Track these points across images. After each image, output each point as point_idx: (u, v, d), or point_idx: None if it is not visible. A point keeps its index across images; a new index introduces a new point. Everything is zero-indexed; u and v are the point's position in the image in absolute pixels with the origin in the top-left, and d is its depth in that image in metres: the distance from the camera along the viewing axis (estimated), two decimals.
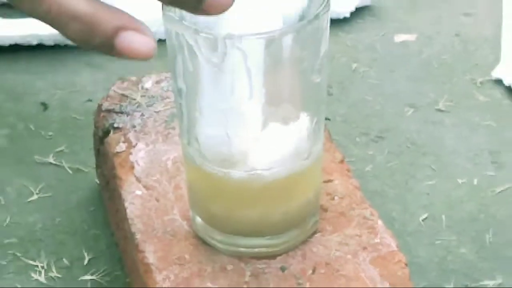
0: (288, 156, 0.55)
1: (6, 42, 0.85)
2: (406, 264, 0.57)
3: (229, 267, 0.57)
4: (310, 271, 0.57)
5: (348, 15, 0.92)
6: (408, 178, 0.75)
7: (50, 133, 0.78)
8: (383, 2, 0.95)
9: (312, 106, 0.55)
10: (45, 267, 0.67)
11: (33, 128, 0.78)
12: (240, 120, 0.54)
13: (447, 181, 0.74)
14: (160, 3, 0.58)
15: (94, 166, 0.72)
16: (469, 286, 0.66)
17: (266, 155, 0.55)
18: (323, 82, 0.55)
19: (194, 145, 0.56)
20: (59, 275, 0.66)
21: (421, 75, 0.85)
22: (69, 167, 0.74)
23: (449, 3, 0.95)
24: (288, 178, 0.56)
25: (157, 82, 0.71)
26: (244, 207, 0.57)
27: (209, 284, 0.56)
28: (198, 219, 0.59)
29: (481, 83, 0.84)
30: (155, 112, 0.68)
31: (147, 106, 0.69)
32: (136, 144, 0.66)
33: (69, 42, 0.84)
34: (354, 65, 0.86)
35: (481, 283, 0.66)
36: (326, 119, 0.59)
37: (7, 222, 0.70)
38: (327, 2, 0.52)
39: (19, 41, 0.86)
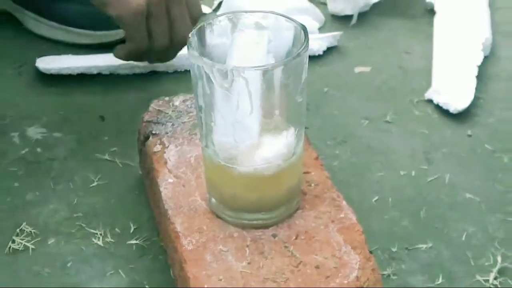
0: (279, 155, 0.56)
1: (75, 72, 0.85)
2: (362, 232, 0.58)
3: (235, 234, 0.57)
4: (294, 237, 0.57)
5: (321, 53, 0.92)
6: (364, 171, 0.75)
7: (106, 138, 0.78)
8: (347, 44, 0.95)
9: (296, 119, 0.56)
10: (102, 234, 0.67)
11: (94, 134, 0.78)
12: (243, 129, 0.54)
13: (392, 173, 0.75)
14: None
15: (138, 161, 0.72)
16: (408, 247, 0.66)
17: (263, 155, 0.55)
18: (304, 101, 0.56)
19: (210, 147, 0.57)
20: (112, 240, 0.66)
21: (374, 96, 0.85)
22: (120, 162, 0.74)
23: (394, 45, 0.95)
24: (279, 171, 0.57)
25: (184, 101, 0.71)
26: (246, 192, 0.58)
27: (220, 247, 0.56)
28: (213, 200, 0.59)
29: (417, 102, 0.84)
30: (182, 122, 0.68)
31: (176, 118, 0.69)
32: (168, 145, 0.66)
33: (120, 72, 0.86)
34: (326, 89, 0.86)
35: (417, 246, 0.67)
36: (306, 128, 0.59)
37: (75, 202, 0.70)
38: (306, 44, 0.53)
39: (84, 71, 0.86)
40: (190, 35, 0.54)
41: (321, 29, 0.98)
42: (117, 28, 0.91)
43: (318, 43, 0.92)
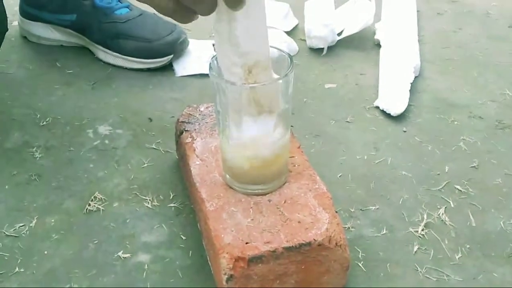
0: (273, 144, 0.56)
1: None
2: (331, 198, 0.58)
3: (243, 199, 0.57)
4: (283, 202, 0.57)
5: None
6: (331, 156, 0.75)
7: (153, 133, 0.77)
8: (319, 68, 0.94)
9: (285, 120, 0.56)
10: (151, 199, 0.67)
11: (144, 130, 0.78)
12: (250, 127, 0.54)
13: (351, 157, 0.74)
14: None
15: (175, 149, 0.72)
16: (362, 209, 0.66)
17: (263, 144, 0.55)
18: (290, 107, 0.56)
19: (226, 140, 0.56)
20: (157, 204, 0.67)
21: (338, 104, 0.85)
22: (163, 150, 0.74)
23: (352, 68, 0.94)
24: (273, 156, 0.56)
25: (207, 107, 0.71)
26: (250, 170, 0.57)
27: (232, 208, 0.56)
28: (227, 176, 0.59)
29: (368, 108, 0.84)
30: (206, 122, 0.68)
31: (201, 119, 0.69)
32: (196, 138, 0.66)
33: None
34: (305, 99, 0.86)
35: (368, 207, 0.67)
36: (291, 126, 0.59)
37: (132, 177, 0.70)
38: (291, 67, 0.53)
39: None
40: (210, 60, 0.54)
41: (298, 57, 0.97)
42: (160, 57, 0.91)
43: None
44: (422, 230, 0.64)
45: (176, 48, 0.92)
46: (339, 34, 1.00)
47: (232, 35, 0.48)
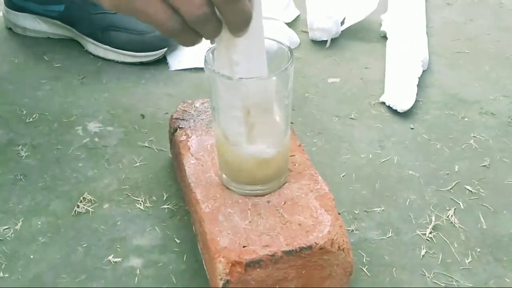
0: (271, 141, 0.56)
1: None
2: (333, 199, 0.57)
3: (240, 200, 0.57)
4: (283, 203, 0.57)
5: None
6: (334, 154, 0.75)
7: (146, 131, 0.77)
8: (322, 61, 0.94)
9: (284, 116, 0.55)
10: (143, 201, 0.67)
11: (136, 128, 0.78)
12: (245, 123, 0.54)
13: (355, 156, 0.74)
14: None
15: (169, 148, 0.72)
16: (366, 210, 0.66)
17: (260, 141, 0.55)
18: (290, 103, 0.56)
19: (222, 138, 0.56)
20: (150, 205, 0.67)
21: (342, 100, 0.85)
22: (156, 148, 0.74)
23: (357, 62, 0.95)
24: (272, 154, 0.56)
25: (202, 103, 0.71)
26: (248, 169, 0.57)
27: (229, 210, 0.56)
28: (224, 175, 0.59)
29: (373, 104, 0.84)
30: (201, 119, 0.68)
31: (197, 116, 0.69)
32: (191, 136, 0.66)
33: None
34: (306, 94, 0.86)
35: (373, 209, 0.67)
36: (292, 122, 0.59)
37: (123, 177, 0.70)
38: (291, 61, 0.53)
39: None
40: (205, 53, 0.54)
41: (300, 50, 0.97)
42: (154, 50, 0.91)
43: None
44: (430, 233, 0.64)
45: (170, 41, 0.92)
46: (341, 23, 1.00)
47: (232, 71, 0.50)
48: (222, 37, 0.49)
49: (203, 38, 0.49)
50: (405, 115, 0.82)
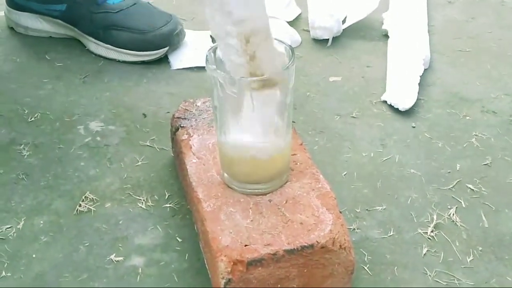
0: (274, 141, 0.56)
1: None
2: (334, 198, 0.57)
3: (242, 199, 0.57)
4: (284, 202, 0.57)
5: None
6: (336, 153, 0.75)
7: (148, 130, 0.77)
8: (323, 60, 0.94)
9: (286, 115, 0.56)
10: (145, 200, 0.67)
11: (138, 127, 0.78)
12: (247, 122, 0.54)
13: (356, 154, 0.74)
14: None
15: (171, 147, 0.72)
16: (368, 209, 0.66)
17: (263, 141, 0.55)
18: (291, 101, 0.56)
19: (223, 136, 0.56)
20: (152, 204, 0.67)
21: (343, 98, 0.85)
22: (157, 148, 0.74)
23: (358, 60, 0.94)
24: (274, 153, 0.56)
25: (204, 102, 0.71)
26: (250, 168, 0.57)
27: (231, 209, 0.56)
28: (225, 175, 0.59)
29: (375, 102, 0.84)
30: (203, 118, 0.68)
31: (198, 115, 0.69)
32: (193, 135, 0.66)
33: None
34: (308, 93, 0.86)
35: (374, 208, 0.67)
36: (293, 121, 0.59)
37: (125, 176, 0.70)
38: (293, 59, 0.53)
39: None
40: (207, 52, 0.54)
41: (302, 49, 0.97)
42: (155, 50, 0.91)
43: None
44: (432, 231, 0.64)
45: (172, 40, 0.92)
46: (343, 22, 1.00)
47: (223, 1, 0.48)
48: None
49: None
50: (406, 113, 0.82)
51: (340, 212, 0.56)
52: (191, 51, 0.94)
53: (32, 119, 0.79)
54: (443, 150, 0.76)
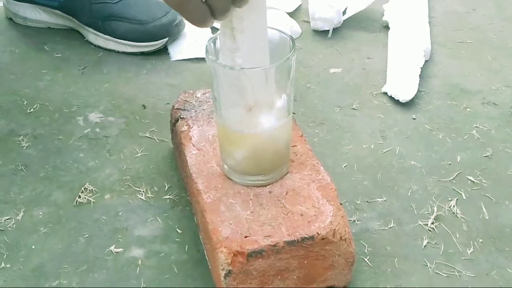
0: (274, 132, 0.55)
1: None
2: (335, 190, 0.57)
3: (242, 191, 0.57)
4: (285, 193, 0.57)
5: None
6: (336, 144, 0.74)
7: (147, 121, 0.77)
8: (324, 51, 0.94)
9: (286, 106, 0.55)
10: (145, 191, 0.67)
11: (138, 118, 0.78)
12: (246, 112, 0.54)
13: (357, 146, 0.74)
14: None
15: (171, 138, 0.72)
16: (368, 201, 0.66)
17: (264, 132, 0.55)
18: (292, 93, 0.55)
19: (223, 128, 0.56)
20: (152, 196, 0.67)
21: (344, 90, 0.85)
22: (157, 139, 0.74)
23: (359, 52, 0.94)
24: (274, 144, 0.56)
25: (203, 93, 0.70)
26: (250, 160, 0.57)
27: (231, 200, 0.56)
28: (225, 166, 0.59)
29: (375, 94, 0.84)
30: (203, 109, 0.68)
31: (198, 106, 0.68)
32: (192, 126, 0.65)
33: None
34: (308, 85, 0.85)
35: (375, 199, 0.67)
36: (293, 113, 0.59)
37: (124, 168, 0.70)
38: (293, 51, 0.52)
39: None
40: (207, 43, 0.53)
41: (302, 40, 0.97)
42: (155, 40, 0.91)
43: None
44: (432, 223, 0.64)
45: (172, 31, 0.92)
46: (343, 13, 1.00)
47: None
48: (227, 23, 0.48)
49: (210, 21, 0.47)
50: (407, 105, 0.81)
51: (341, 204, 0.56)
52: (190, 42, 0.93)
53: (31, 110, 0.79)
54: (443, 142, 0.75)
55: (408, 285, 0.57)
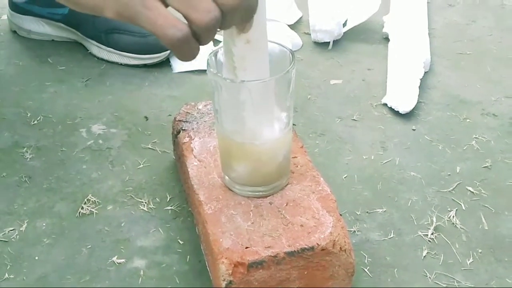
0: (275, 144, 0.56)
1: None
2: (335, 201, 0.57)
3: (242, 202, 0.57)
4: (285, 204, 0.57)
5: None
6: (336, 155, 0.75)
7: (150, 133, 0.78)
8: (324, 63, 0.95)
9: (287, 118, 0.56)
10: (147, 202, 0.67)
11: (140, 130, 0.79)
12: (247, 124, 0.54)
13: (357, 157, 0.75)
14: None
15: (172, 150, 0.72)
16: (368, 211, 0.67)
17: (264, 144, 0.55)
18: (292, 105, 0.56)
19: (224, 140, 0.56)
20: (154, 207, 0.67)
21: (344, 101, 0.85)
22: (159, 150, 0.75)
23: (359, 63, 0.95)
24: (274, 156, 0.56)
25: (205, 105, 0.71)
26: (250, 171, 0.57)
27: (232, 211, 0.56)
28: (226, 177, 0.59)
29: (375, 105, 0.84)
30: (204, 121, 0.68)
31: (200, 118, 0.69)
32: (194, 138, 0.66)
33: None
34: (309, 96, 0.86)
35: (375, 210, 0.67)
36: (294, 124, 0.59)
37: (127, 179, 0.71)
38: (293, 64, 0.53)
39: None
40: (208, 56, 0.54)
41: (302, 52, 0.97)
42: (157, 53, 0.92)
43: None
44: (432, 234, 0.64)
45: None
46: (344, 25, 1.01)
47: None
48: (228, 41, 0.49)
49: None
50: (407, 116, 0.82)
51: (341, 215, 0.57)
52: None
53: (35, 122, 0.80)
54: (443, 153, 0.76)
55: None
